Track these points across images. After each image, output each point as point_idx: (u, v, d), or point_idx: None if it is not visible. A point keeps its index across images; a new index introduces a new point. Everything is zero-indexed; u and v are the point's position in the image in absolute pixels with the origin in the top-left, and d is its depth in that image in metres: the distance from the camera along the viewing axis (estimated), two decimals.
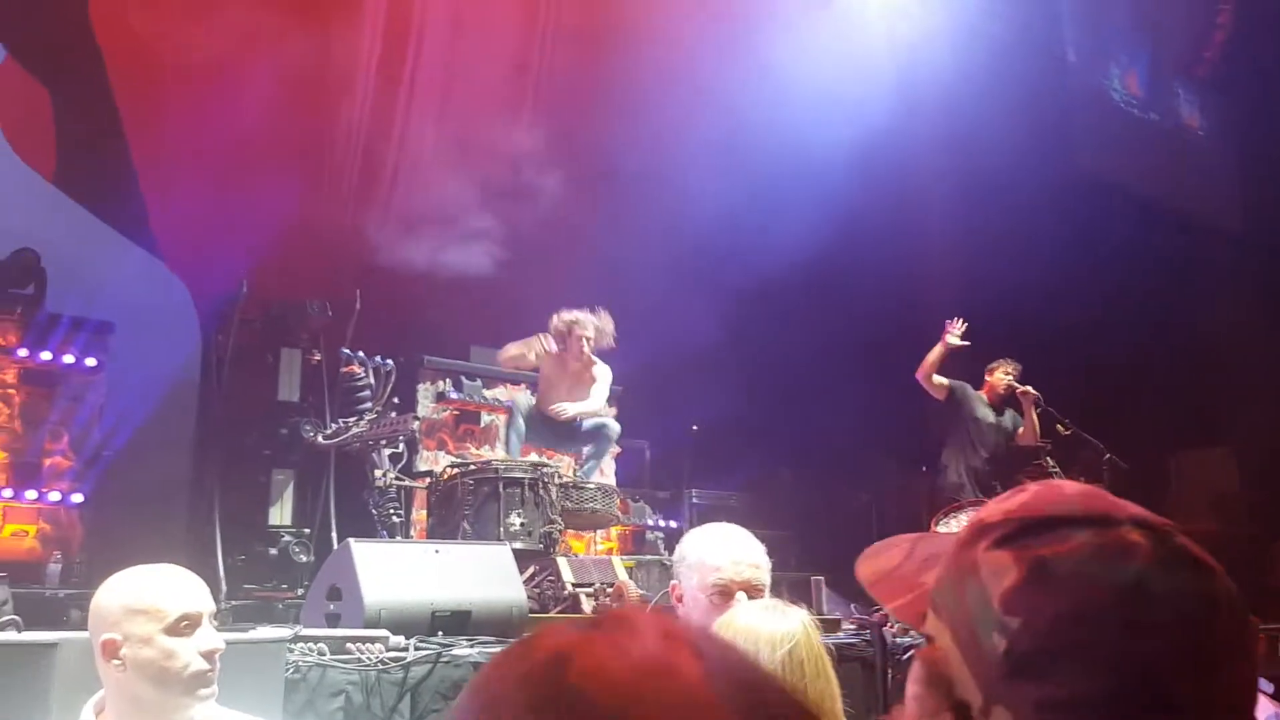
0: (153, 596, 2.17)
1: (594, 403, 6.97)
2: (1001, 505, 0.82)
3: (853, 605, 6.25)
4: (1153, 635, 0.73)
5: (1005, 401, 7.92)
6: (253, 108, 7.54)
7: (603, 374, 7.02)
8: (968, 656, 0.78)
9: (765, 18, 9.47)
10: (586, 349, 6.85)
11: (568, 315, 6.86)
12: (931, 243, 10.55)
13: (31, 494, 6.26)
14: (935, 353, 7.64)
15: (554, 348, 6.84)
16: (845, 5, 10.03)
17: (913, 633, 5.27)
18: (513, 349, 6.89)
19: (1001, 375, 7.86)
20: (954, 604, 0.80)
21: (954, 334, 7.65)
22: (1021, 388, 7.88)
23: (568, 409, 6.83)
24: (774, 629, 1.82)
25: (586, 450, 7.17)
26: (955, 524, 6.43)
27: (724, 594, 2.36)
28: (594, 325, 6.87)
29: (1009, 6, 10.78)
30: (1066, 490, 0.82)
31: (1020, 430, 7.93)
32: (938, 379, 7.72)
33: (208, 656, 2.17)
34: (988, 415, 7.83)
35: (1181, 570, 0.76)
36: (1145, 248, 10.60)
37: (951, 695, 0.79)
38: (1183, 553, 0.77)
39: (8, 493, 6.20)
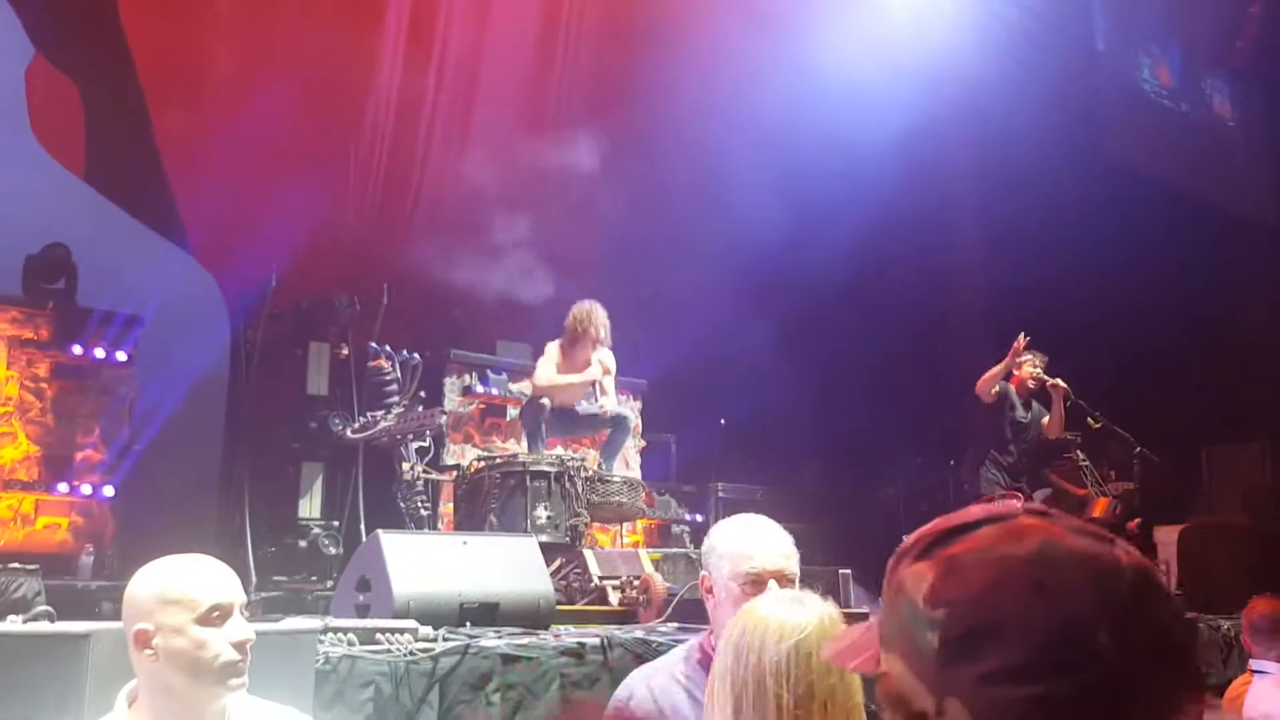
0: (185, 586, 2.18)
1: (612, 399, 7.01)
2: (916, 532, 0.91)
3: (880, 598, 6.22)
4: (1061, 593, 0.79)
5: (1032, 395, 7.86)
6: (281, 105, 7.58)
7: (611, 361, 7.06)
8: (912, 667, 0.85)
9: (794, 16, 9.41)
10: (605, 339, 6.86)
11: (583, 310, 6.86)
12: (961, 236, 10.49)
13: (64, 487, 6.33)
14: (999, 369, 7.56)
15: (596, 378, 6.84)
16: (874, 1, 9.96)
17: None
18: (561, 379, 6.86)
19: (1030, 369, 7.79)
20: (893, 627, 0.88)
21: (1025, 361, 7.62)
22: (1051, 380, 7.82)
23: (607, 405, 6.86)
24: (785, 620, 1.80)
25: (610, 436, 7.16)
26: None
27: (757, 583, 2.35)
28: (605, 318, 6.89)
29: None
30: (971, 509, 0.90)
31: (1046, 422, 7.87)
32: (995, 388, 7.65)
33: (239, 647, 2.18)
34: (1020, 412, 7.78)
35: (1078, 539, 0.83)
36: (1176, 239, 10.49)
37: (910, 709, 0.85)
38: (1076, 526, 0.84)
39: (40, 486, 6.26)
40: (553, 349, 6.90)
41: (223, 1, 7.71)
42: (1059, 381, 7.81)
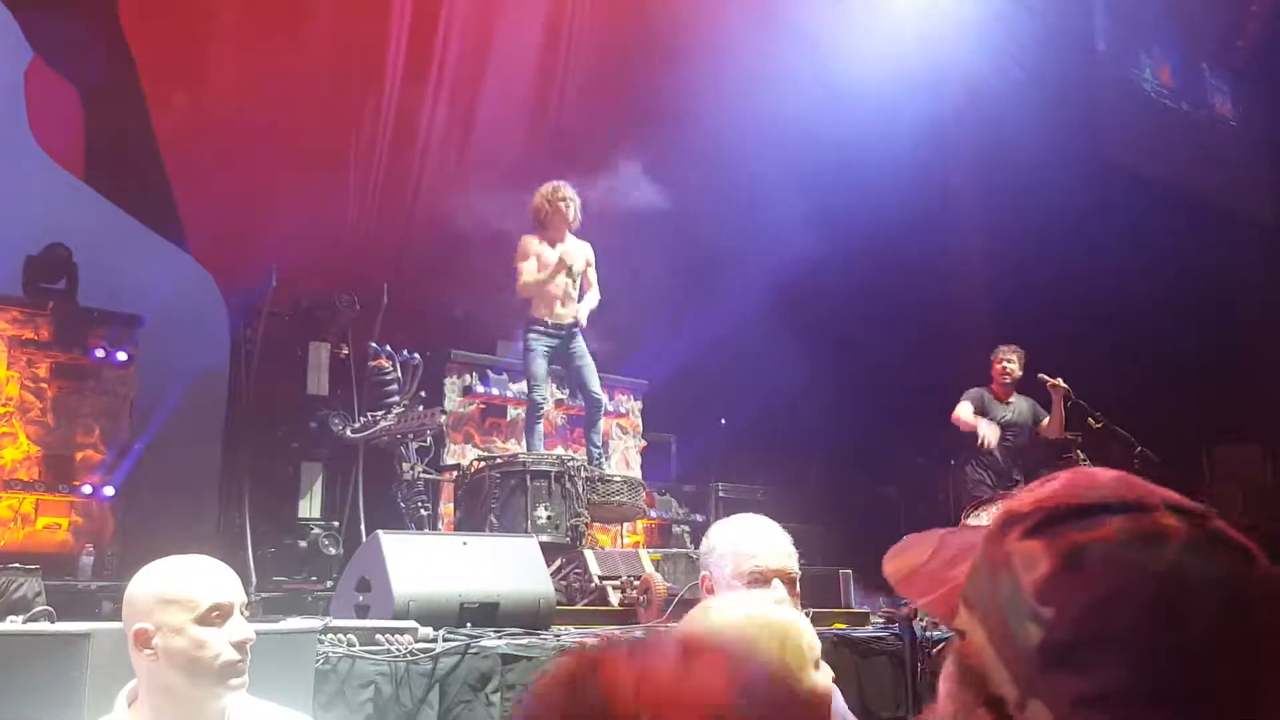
0: (185, 586, 2.18)
1: (596, 290, 7.05)
2: (1032, 495, 0.80)
3: (881, 599, 6.22)
4: (1191, 621, 0.70)
5: (1012, 389, 7.88)
6: (282, 105, 7.59)
7: (590, 253, 7.06)
8: (1001, 650, 0.76)
9: (798, 21, 9.42)
10: (575, 215, 6.83)
11: (547, 188, 6.83)
12: (962, 237, 10.49)
13: (64, 487, 6.33)
14: (969, 423, 7.67)
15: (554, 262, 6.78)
16: (879, 5, 9.96)
17: (943, 626, 5.24)
18: (531, 277, 6.82)
19: (1002, 364, 7.83)
20: (986, 597, 0.78)
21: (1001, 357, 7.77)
22: (1052, 381, 7.82)
23: (591, 301, 6.92)
24: (735, 620, 1.77)
25: (588, 415, 7.18)
26: (986, 517, 6.38)
27: (760, 581, 2.36)
28: (573, 193, 6.86)
29: None
30: (1099, 477, 0.80)
31: (1046, 423, 7.88)
32: (966, 414, 7.73)
33: (239, 647, 2.18)
34: (999, 412, 7.82)
35: (1218, 554, 0.73)
36: (1178, 239, 10.49)
37: (986, 690, 0.76)
38: (1219, 536, 0.75)
39: (40, 486, 6.26)
40: (529, 242, 6.86)
41: (224, 3, 7.70)
42: (1059, 381, 7.81)
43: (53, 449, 6.36)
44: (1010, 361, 7.80)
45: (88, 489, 6.37)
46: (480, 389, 7.93)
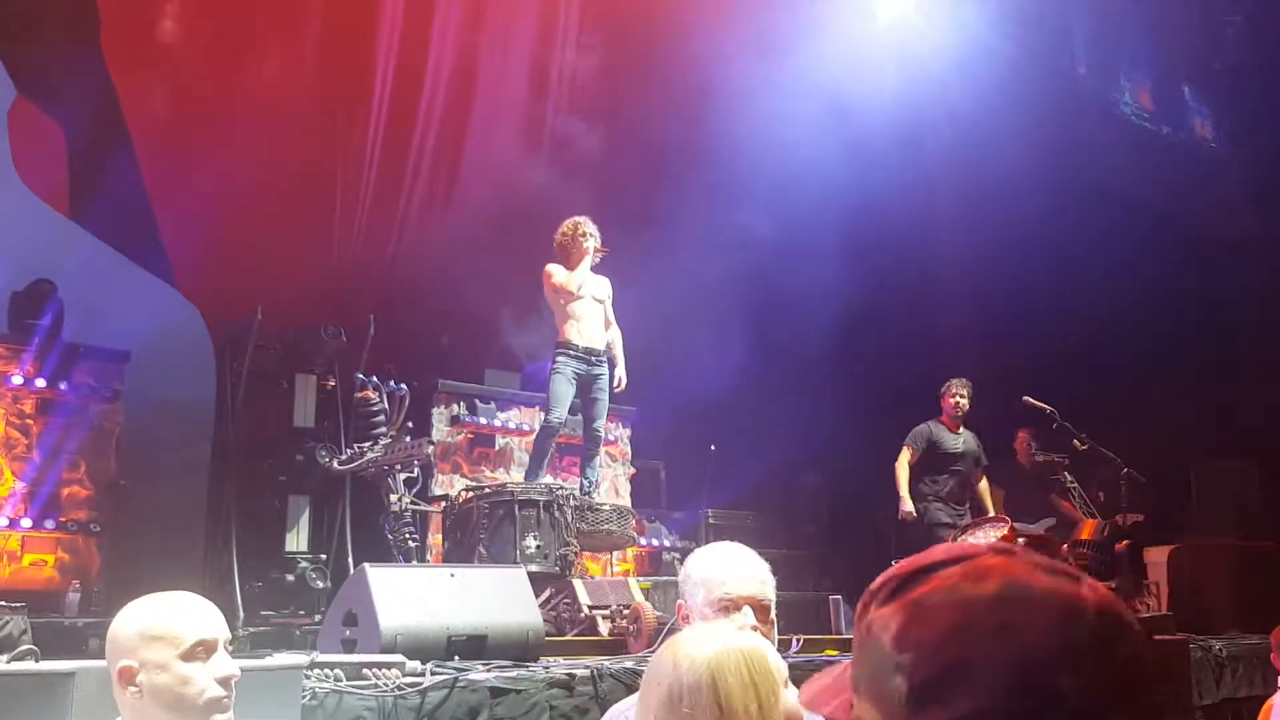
0: (169, 623, 2.18)
1: (617, 329, 7.16)
2: (883, 575, 0.90)
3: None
4: (1023, 635, 0.78)
5: (961, 422, 7.99)
6: (266, 139, 7.61)
7: (609, 286, 7.15)
8: (882, 712, 0.84)
9: (780, 45, 9.50)
10: (595, 249, 6.91)
11: (570, 223, 6.93)
12: (945, 262, 10.54)
13: (50, 523, 6.29)
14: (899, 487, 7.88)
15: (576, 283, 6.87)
16: (854, 25, 10.06)
17: None
18: (563, 277, 6.88)
19: (954, 399, 7.94)
20: (863, 672, 0.87)
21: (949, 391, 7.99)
22: (1037, 405, 7.89)
23: (620, 370, 7.04)
24: (702, 647, 1.78)
25: (585, 448, 7.20)
26: (973, 540, 6.41)
27: (730, 609, 2.36)
28: (594, 228, 6.94)
29: (1018, 24, 10.80)
30: (936, 548, 0.90)
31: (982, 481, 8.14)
32: (903, 473, 7.91)
33: (223, 683, 2.17)
34: (947, 443, 7.90)
35: (1041, 576, 0.82)
36: (1161, 260, 10.56)
37: None
38: (1040, 563, 0.84)
39: (26, 522, 6.22)
40: (554, 267, 6.93)
41: (206, 36, 7.73)
42: (1046, 406, 7.87)
43: (39, 485, 6.33)
44: (961, 396, 8.00)
45: (74, 525, 6.34)
46: (468, 418, 7.93)
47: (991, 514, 7.88)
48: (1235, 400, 11.00)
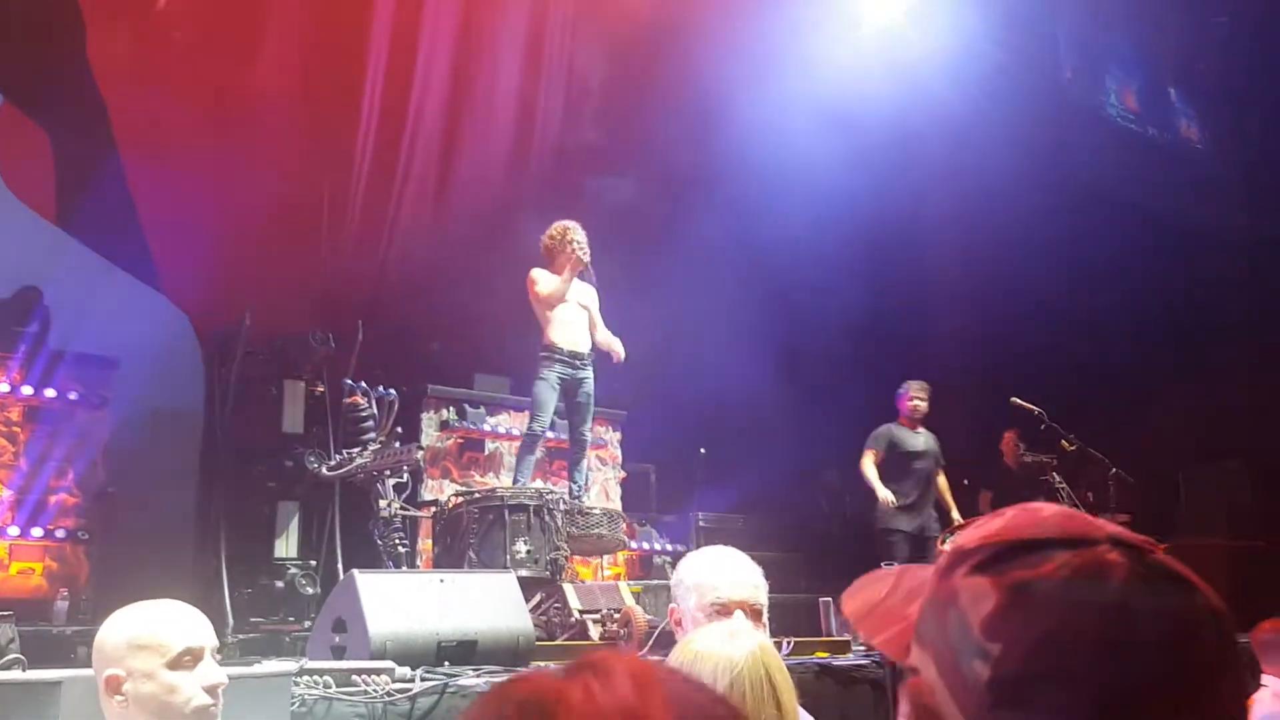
0: (155, 631, 2.18)
1: (603, 326, 7.15)
2: (979, 531, 0.81)
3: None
4: (1135, 655, 0.71)
5: (919, 423, 8.03)
6: (255, 144, 7.59)
7: (594, 293, 7.14)
8: (952, 687, 0.76)
9: (767, 50, 9.52)
10: (584, 255, 6.89)
11: (558, 228, 6.91)
12: (934, 267, 10.58)
13: (38, 531, 6.27)
14: (868, 484, 7.92)
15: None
16: (842, 32, 10.09)
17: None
18: (549, 285, 6.87)
19: (912, 401, 7.97)
20: (936, 634, 0.79)
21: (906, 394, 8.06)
22: (1025, 406, 7.91)
23: (617, 348, 6.98)
24: (719, 654, 1.80)
25: (572, 453, 7.19)
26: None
27: (722, 613, 2.37)
28: (583, 235, 6.93)
29: (1004, 29, 10.84)
30: (1043, 513, 0.81)
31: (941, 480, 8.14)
32: (870, 471, 7.93)
33: (210, 691, 2.17)
34: (907, 443, 7.94)
35: (1162, 587, 0.75)
36: (1150, 260, 10.61)
37: None
38: (1163, 570, 0.76)
39: (14, 530, 6.20)
40: (539, 272, 6.91)
41: (194, 43, 7.71)
42: (1034, 407, 7.89)
43: (26, 493, 6.31)
44: (920, 399, 8.03)
45: (62, 533, 6.32)
46: (457, 423, 7.92)
47: (954, 511, 7.91)
48: (1224, 400, 11.04)
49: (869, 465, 7.93)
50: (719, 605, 2.39)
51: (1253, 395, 10.80)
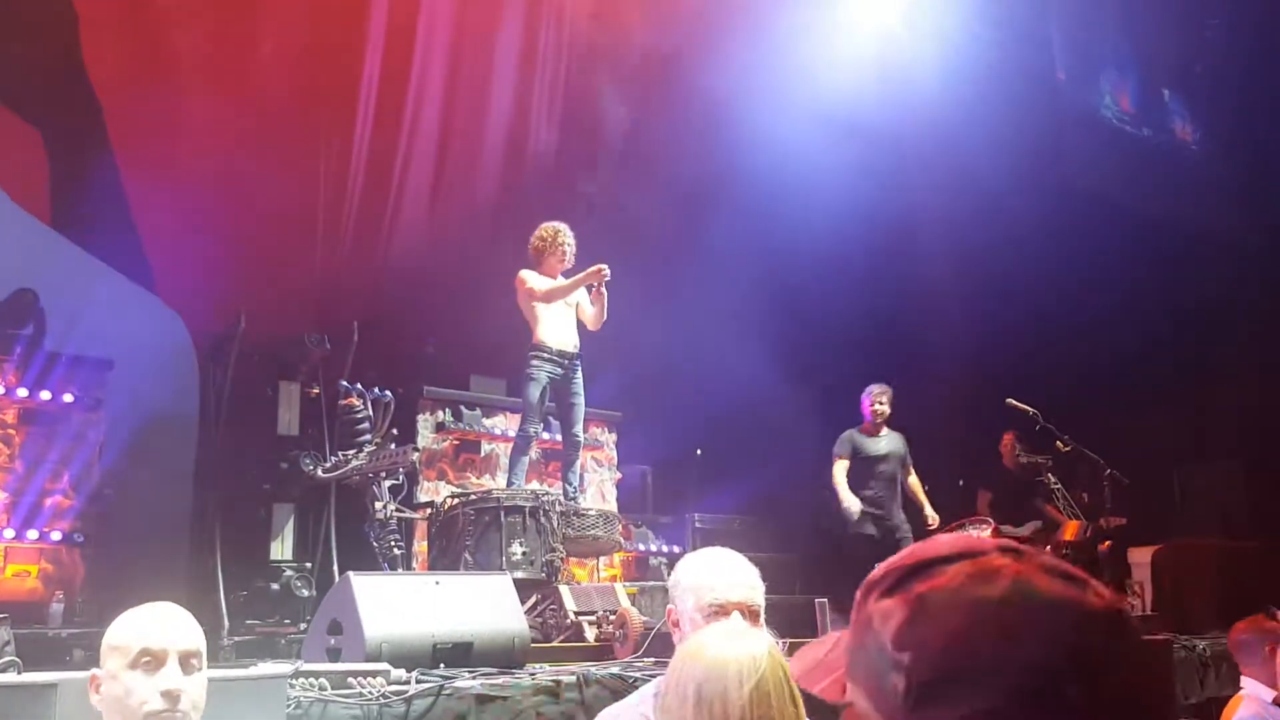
0: (123, 632, 2.18)
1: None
2: (886, 563, 0.89)
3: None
4: (1030, 641, 0.77)
5: (882, 426, 8.05)
6: (249, 146, 7.58)
7: (581, 292, 7.12)
8: (877, 705, 0.83)
9: (760, 53, 9.53)
10: (570, 259, 6.93)
11: (549, 230, 6.94)
12: (929, 265, 10.58)
13: (33, 534, 6.25)
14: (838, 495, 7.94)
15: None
16: (835, 34, 10.10)
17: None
18: (546, 285, 6.87)
19: (874, 405, 7.99)
20: (861, 663, 0.86)
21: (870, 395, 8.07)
22: (1021, 407, 7.92)
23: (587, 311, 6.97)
24: (740, 659, 1.79)
25: (565, 455, 7.18)
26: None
27: (720, 614, 2.37)
28: (571, 238, 6.98)
29: (997, 30, 10.85)
30: (940, 539, 0.89)
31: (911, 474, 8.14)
32: (841, 478, 7.94)
33: (166, 695, 2.12)
34: (873, 446, 7.95)
35: (1049, 581, 0.81)
36: (1145, 262, 10.62)
37: None
38: (1049, 566, 0.82)
39: (9, 533, 6.18)
40: (529, 273, 6.92)
41: (189, 43, 7.70)
42: (1029, 408, 7.90)
43: (21, 495, 6.29)
44: (881, 403, 8.04)
45: (57, 535, 6.30)
46: (453, 425, 7.91)
47: (928, 509, 7.92)
48: (1218, 402, 11.07)
49: (840, 473, 7.95)
50: (717, 606, 2.39)
51: (1247, 396, 10.83)
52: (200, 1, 7.82)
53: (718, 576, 2.45)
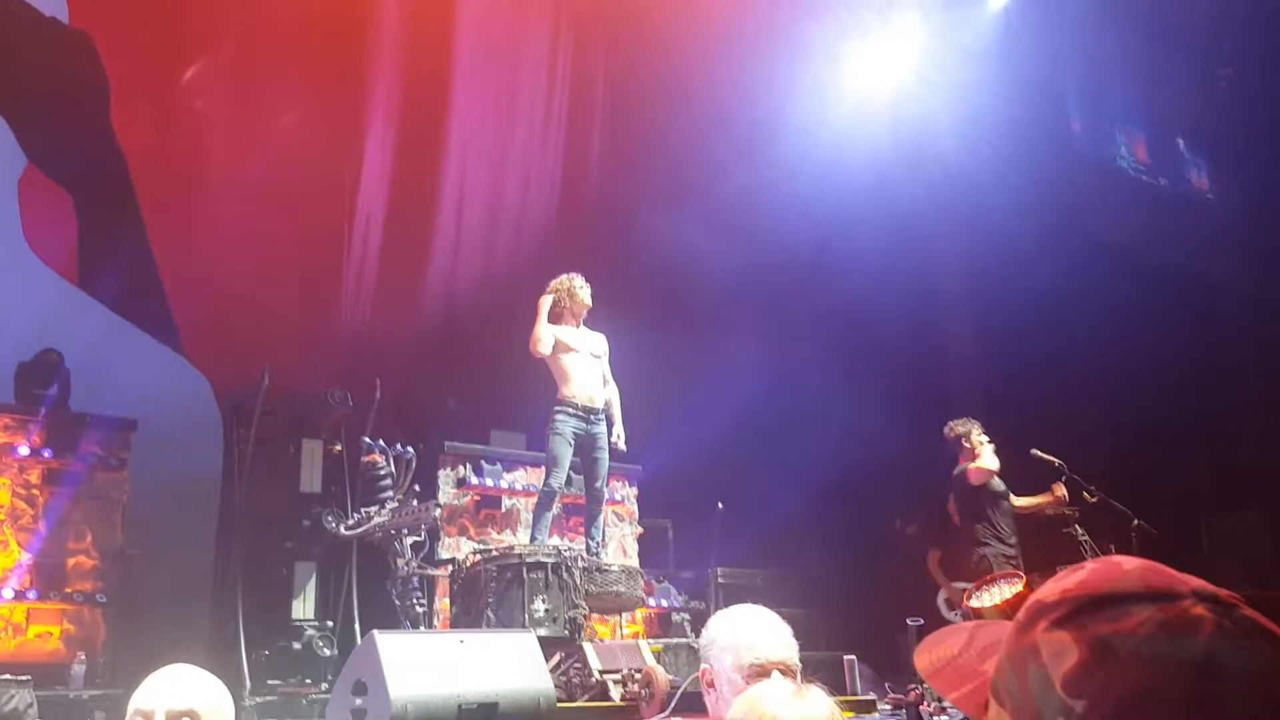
0: (137, 693, 2.20)
1: (614, 386, 7.10)
2: (1059, 584, 0.79)
3: (887, 684, 6.14)
4: (1223, 712, 0.69)
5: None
6: (274, 206, 7.68)
7: (605, 342, 7.12)
8: None
9: (776, 109, 9.63)
10: (586, 306, 6.92)
11: (562, 284, 6.93)
12: (950, 319, 10.58)
13: (55, 595, 6.25)
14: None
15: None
16: (851, 92, 10.19)
17: (951, 710, 5.16)
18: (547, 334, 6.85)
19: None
20: (1015, 690, 0.77)
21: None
22: (1046, 458, 7.85)
23: (615, 419, 6.98)
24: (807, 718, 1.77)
25: (588, 509, 7.14)
26: (988, 596, 6.36)
27: (761, 674, 2.34)
28: (586, 289, 6.96)
29: (1013, 84, 10.93)
30: (1125, 566, 0.79)
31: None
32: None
33: None
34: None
35: (1250, 643, 0.72)
36: (1162, 311, 10.59)
37: None
38: (1250, 625, 0.74)
39: (32, 594, 6.19)
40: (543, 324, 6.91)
41: (215, 108, 7.84)
42: (1054, 459, 7.84)
43: (45, 556, 6.31)
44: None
45: (80, 596, 6.30)
46: (474, 480, 7.90)
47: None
48: (1244, 450, 10.97)
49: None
50: (758, 666, 2.36)
51: (1272, 444, 10.72)
52: (224, 70, 7.96)
53: (758, 636, 2.42)
